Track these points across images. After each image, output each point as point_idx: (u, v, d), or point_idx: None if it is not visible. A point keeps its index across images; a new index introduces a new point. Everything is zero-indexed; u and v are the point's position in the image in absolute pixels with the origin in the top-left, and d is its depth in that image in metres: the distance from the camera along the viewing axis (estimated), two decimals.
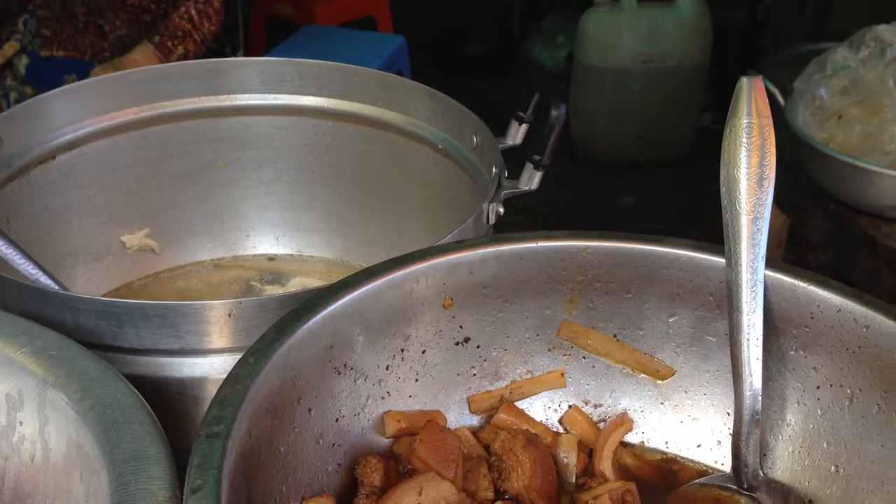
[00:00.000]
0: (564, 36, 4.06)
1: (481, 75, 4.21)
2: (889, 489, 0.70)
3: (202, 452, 0.57)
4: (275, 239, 1.28)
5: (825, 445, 0.75)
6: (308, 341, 0.69)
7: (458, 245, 0.80)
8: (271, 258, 1.27)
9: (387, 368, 0.77)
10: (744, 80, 0.76)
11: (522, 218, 3.10)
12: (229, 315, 0.77)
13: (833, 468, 0.74)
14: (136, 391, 0.66)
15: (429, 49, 4.21)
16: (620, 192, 3.51)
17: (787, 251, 2.47)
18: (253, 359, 0.65)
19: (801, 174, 1.84)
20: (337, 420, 0.73)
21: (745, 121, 0.75)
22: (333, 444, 0.72)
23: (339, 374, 0.73)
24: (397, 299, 0.76)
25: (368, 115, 1.19)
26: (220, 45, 2.42)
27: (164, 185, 1.20)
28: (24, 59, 2.17)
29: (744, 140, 0.74)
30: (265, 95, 1.20)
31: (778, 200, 2.04)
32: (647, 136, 3.52)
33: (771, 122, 0.75)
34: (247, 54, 3.19)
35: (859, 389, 0.73)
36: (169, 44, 2.02)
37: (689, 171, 3.46)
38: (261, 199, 1.26)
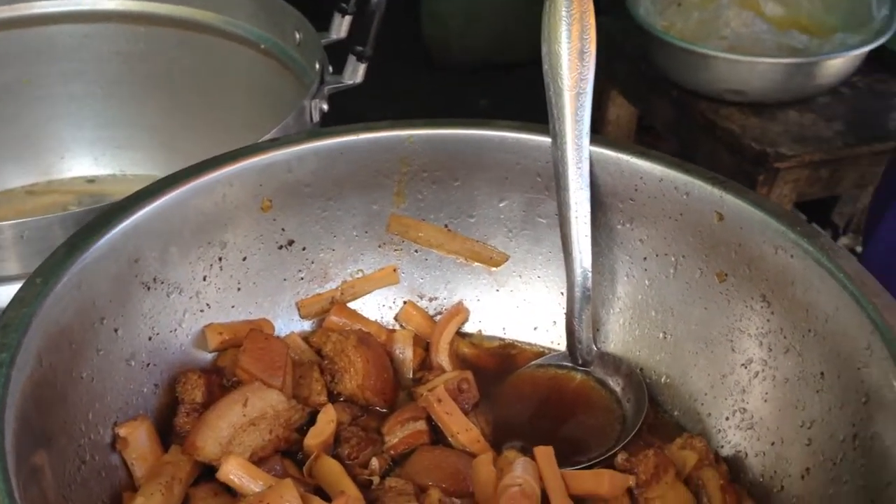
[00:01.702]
0: None
1: None
2: (713, 349, 0.72)
3: None
4: (93, 159, 1.18)
5: (653, 314, 0.76)
6: (106, 257, 0.64)
7: (274, 143, 0.75)
8: (90, 180, 1.18)
9: (204, 279, 0.72)
10: None
11: None
12: (21, 237, 0.70)
13: (661, 335, 0.76)
14: None
15: None
16: (477, 96, 3.49)
17: (637, 141, 2.52)
18: (40, 279, 0.59)
19: (645, 64, 1.85)
20: (150, 339, 0.68)
21: None
22: (148, 364, 0.68)
23: (149, 289, 0.68)
24: (209, 205, 0.71)
25: (182, 17, 1.10)
26: None
27: None
28: None
29: (563, 13, 0.72)
30: (65, 1, 1.09)
31: (624, 91, 2.07)
32: (501, 38, 3.49)
33: None
34: None
35: (683, 256, 0.73)
36: None
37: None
38: (74, 117, 1.16)
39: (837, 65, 1.61)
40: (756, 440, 0.68)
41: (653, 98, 1.91)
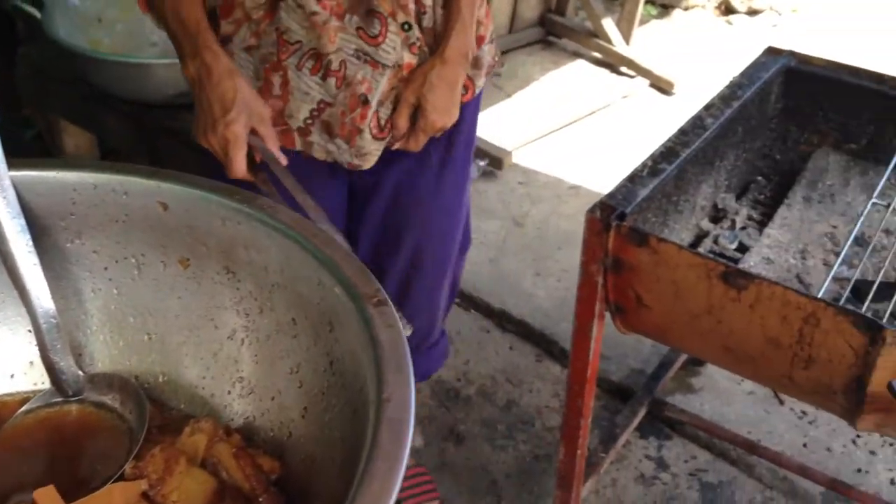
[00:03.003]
0: None
1: None
2: (198, 333, 0.73)
3: None
4: None
5: (132, 320, 0.75)
6: None
7: None
8: None
9: None
10: None
11: None
12: None
13: (146, 337, 0.75)
14: None
15: None
16: None
17: None
18: None
19: (86, 86, 1.78)
20: None
21: None
22: None
23: None
24: None
25: None
26: None
27: None
28: None
29: None
30: None
31: (72, 118, 1.97)
32: None
33: None
34: None
35: (142, 255, 0.73)
36: None
37: None
38: None
39: None
40: (259, 401, 0.71)
41: (105, 119, 1.85)
